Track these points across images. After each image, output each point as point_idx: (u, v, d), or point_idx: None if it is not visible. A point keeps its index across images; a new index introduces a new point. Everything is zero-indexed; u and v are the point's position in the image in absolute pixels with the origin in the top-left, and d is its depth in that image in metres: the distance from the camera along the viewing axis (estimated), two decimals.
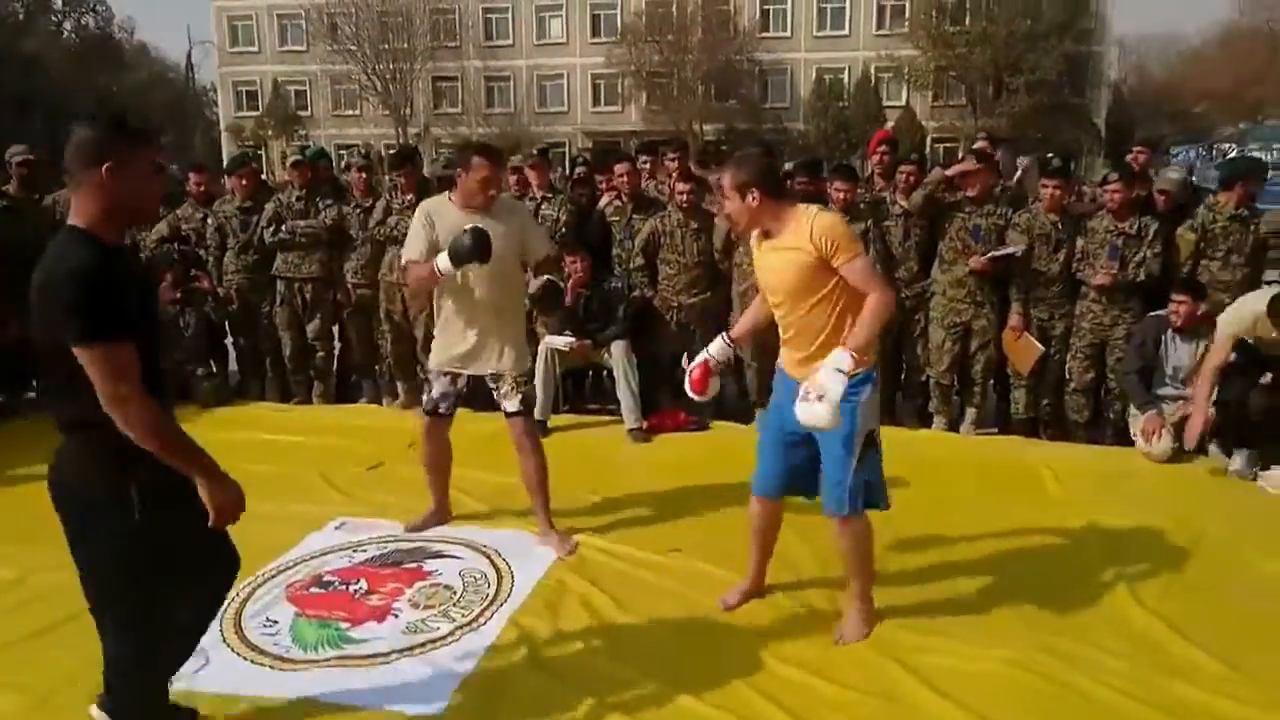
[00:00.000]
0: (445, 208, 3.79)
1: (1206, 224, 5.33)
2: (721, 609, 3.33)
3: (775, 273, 2.97)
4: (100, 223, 2.14)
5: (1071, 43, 33.07)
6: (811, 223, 2.85)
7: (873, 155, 6.23)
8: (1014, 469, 4.94)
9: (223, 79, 41.87)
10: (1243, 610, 3.37)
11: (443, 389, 3.93)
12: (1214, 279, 5.31)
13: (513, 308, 3.93)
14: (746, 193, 2.91)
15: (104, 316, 2.03)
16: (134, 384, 2.05)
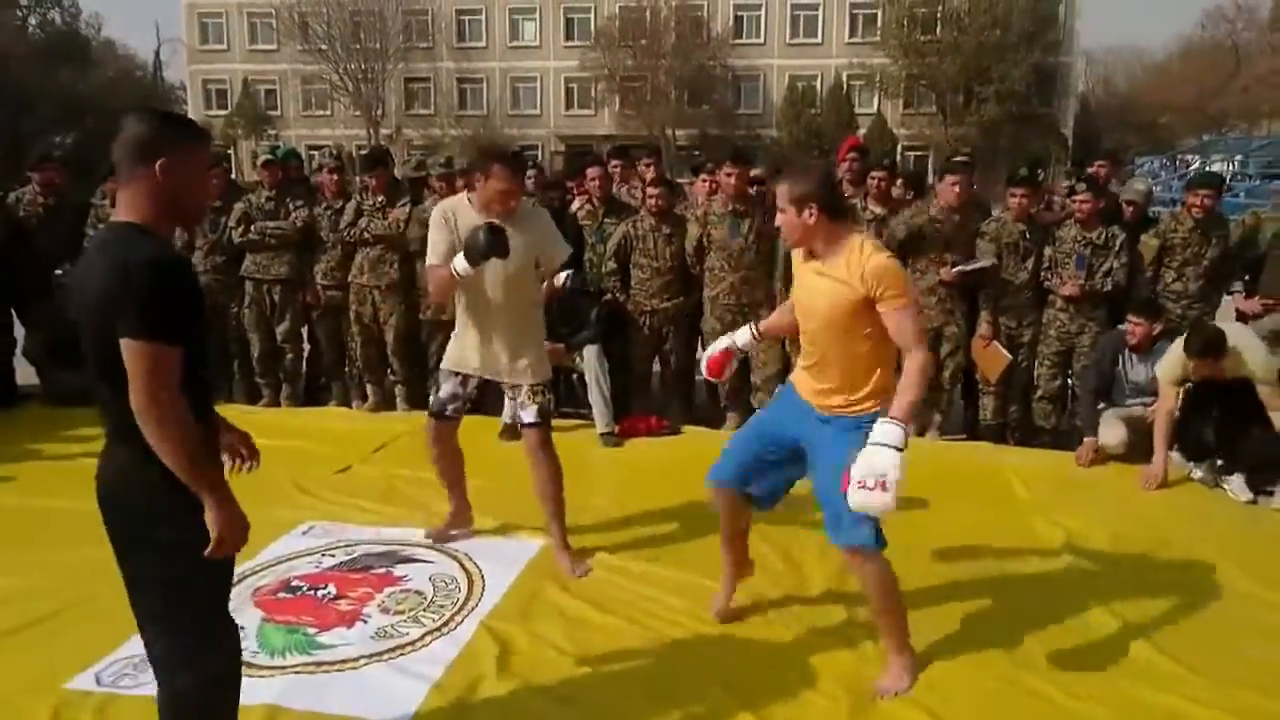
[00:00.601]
0: (464, 210, 3.66)
1: (1167, 232, 5.42)
2: (717, 620, 3.27)
3: (817, 297, 2.78)
4: (154, 221, 2.03)
5: (1040, 54, 33.63)
6: (865, 261, 2.65)
7: (842, 162, 6.29)
8: (982, 474, 4.99)
9: (192, 77, 41.43)
10: (1206, 615, 3.42)
11: (451, 390, 3.80)
12: (1166, 288, 5.41)
13: (531, 314, 3.79)
14: (804, 207, 2.70)
15: (164, 316, 1.93)
16: (172, 390, 1.95)
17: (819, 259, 2.79)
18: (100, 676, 2.90)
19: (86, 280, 1.99)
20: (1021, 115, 33.83)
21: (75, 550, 3.78)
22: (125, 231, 2.01)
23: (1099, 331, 5.39)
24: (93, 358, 2.00)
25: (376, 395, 6.27)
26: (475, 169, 3.73)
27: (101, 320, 1.94)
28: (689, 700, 2.82)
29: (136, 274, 1.91)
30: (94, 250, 2.02)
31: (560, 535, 3.81)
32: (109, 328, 1.93)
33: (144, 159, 1.99)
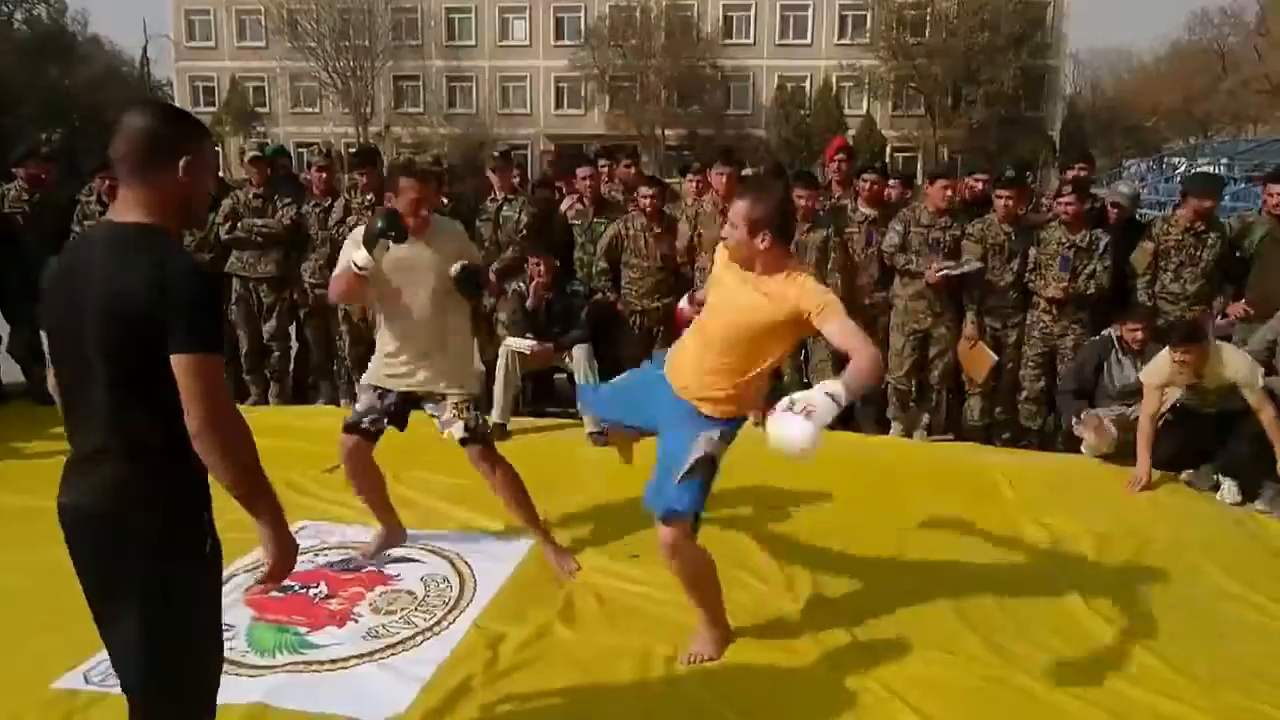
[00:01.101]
0: None
1: (1160, 236, 5.46)
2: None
3: (736, 302, 2.84)
4: (169, 223, 1.91)
5: (1028, 56, 33.78)
6: (803, 286, 2.73)
7: (830, 163, 6.31)
8: (968, 474, 5.01)
9: (179, 74, 41.20)
10: (1188, 614, 3.45)
11: (369, 403, 3.69)
12: (1164, 289, 5.45)
13: (453, 329, 3.73)
14: (759, 232, 2.74)
15: (216, 327, 1.86)
16: (233, 405, 1.86)
17: (753, 270, 2.84)
18: (88, 676, 2.89)
19: (104, 285, 1.82)
20: (1010, 117, 33.99)
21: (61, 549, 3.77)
22: (149, 236, 1.86)
23: (1082, 334, 5.42)
24: (103, 368, 1.84)
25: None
26: (390, 185, 3.78)
27: (132, 330, 1.80)
28: (680, 701, 2.83)
29: (185, 284, 1.80)
30: (107, 253, 1.85)
31: (543, 536, 3.80)
32: (143, 339, 1.79)
33: (165, 156, 1.88)
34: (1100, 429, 5.07)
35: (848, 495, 4.67)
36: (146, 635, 1.94)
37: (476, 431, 3.70)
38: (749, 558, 3.82)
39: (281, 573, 2.05)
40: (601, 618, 3.32)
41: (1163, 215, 5.60)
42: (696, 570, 2.99)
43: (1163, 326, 5.24)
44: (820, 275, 5.53)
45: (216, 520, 2.05)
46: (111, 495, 1.91)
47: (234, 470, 1.88)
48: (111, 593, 1.97)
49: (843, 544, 4.00)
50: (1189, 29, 45.07)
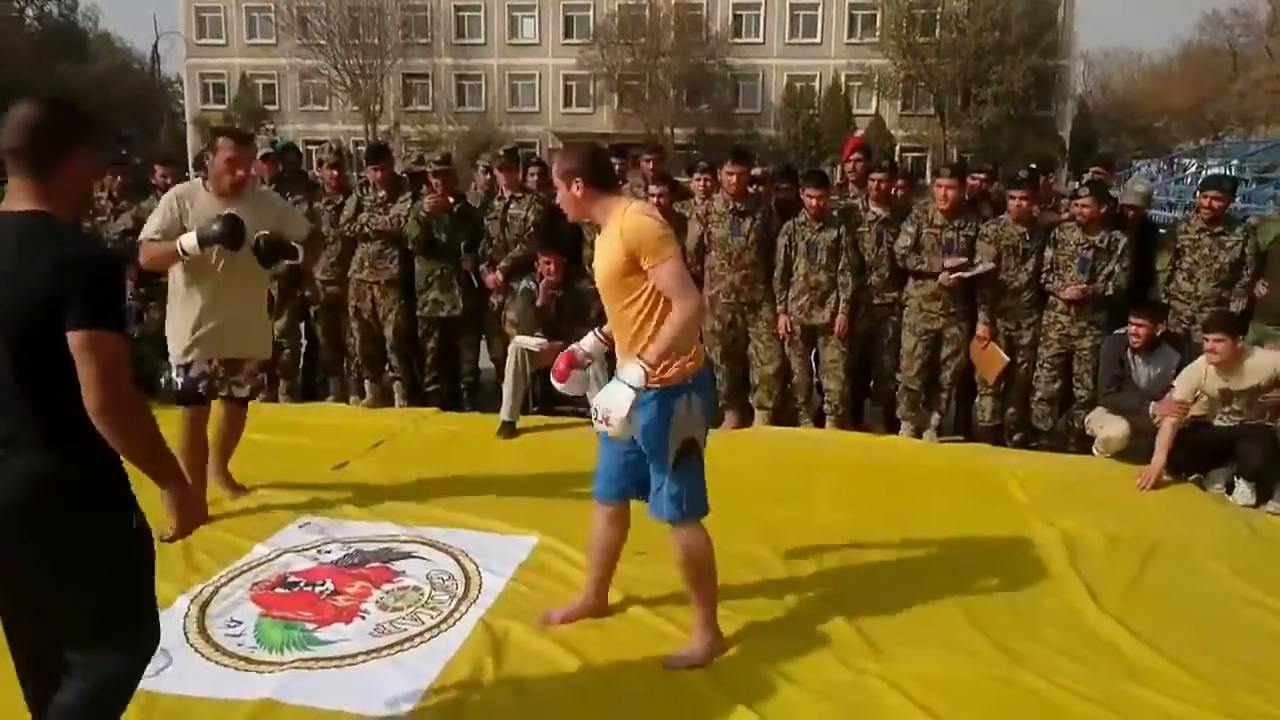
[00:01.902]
0: (197, 193, 3.91)
1: (1178, 234, 5.45)
2: (541, 623, 3.21)
3: (598, 261, 2.94)
4: (66, 213, 1.98)
5: (1038, 56, 33.63)
6: (623, 220, 2.78)
7: (846, 162, 6.29)
8: (979, 475, 5.00)
9: (189, 71, 41.32)
10: (1198, 615, 3.43)
11: (200, 370, 3.96)
12: (1177, 289, 5.43)
13: (257, 294, 4.10)
14: (571, 181, 2.88)
15: (120, 308, 1.94)
16: (132, 382, 1.91)
17: (601, 227, 2.93)
18: None
19: (5, 273, 1.86)
20: (1020, 117, 33.88)
21: None
22: (46, 222, 1.92)
23: (1099, 335, 5.39)
24: (8, 354, 1.88)
25: (375, 391, 6.26)
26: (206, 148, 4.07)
27: (35, 314, 1.85)
28: (687, 697, 2.83)
29: (84, 265, 1.88)
30: (5, 242, 1.89)
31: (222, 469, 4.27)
32: (45, 322, 1.84)
33: (63, 146, 1.95)
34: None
35: (857, 495, 4.66)
36: (83, 616, 2.02)
37: (256, 394, 4.23)
38: (756, 556, 3.81)
39: (186, 529, 2.16)
40: (610, 616, 3.30)
41: (1185, 216, 5.58)
42: (702, 565, 3.01)
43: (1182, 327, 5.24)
44: (831, 274, 5.55)
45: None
46: (27, 487, 1.91)
47: (136, 445, 1.95)
48: (37, 583, 1.99)
49: (851, 543, 3.98)
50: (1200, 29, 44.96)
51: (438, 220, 5.80)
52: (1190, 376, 4.86)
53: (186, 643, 3.08)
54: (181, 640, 3.09)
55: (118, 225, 6.41)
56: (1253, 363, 4.75)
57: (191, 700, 2.76)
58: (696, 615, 3.07)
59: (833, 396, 5.74)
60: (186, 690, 2.81)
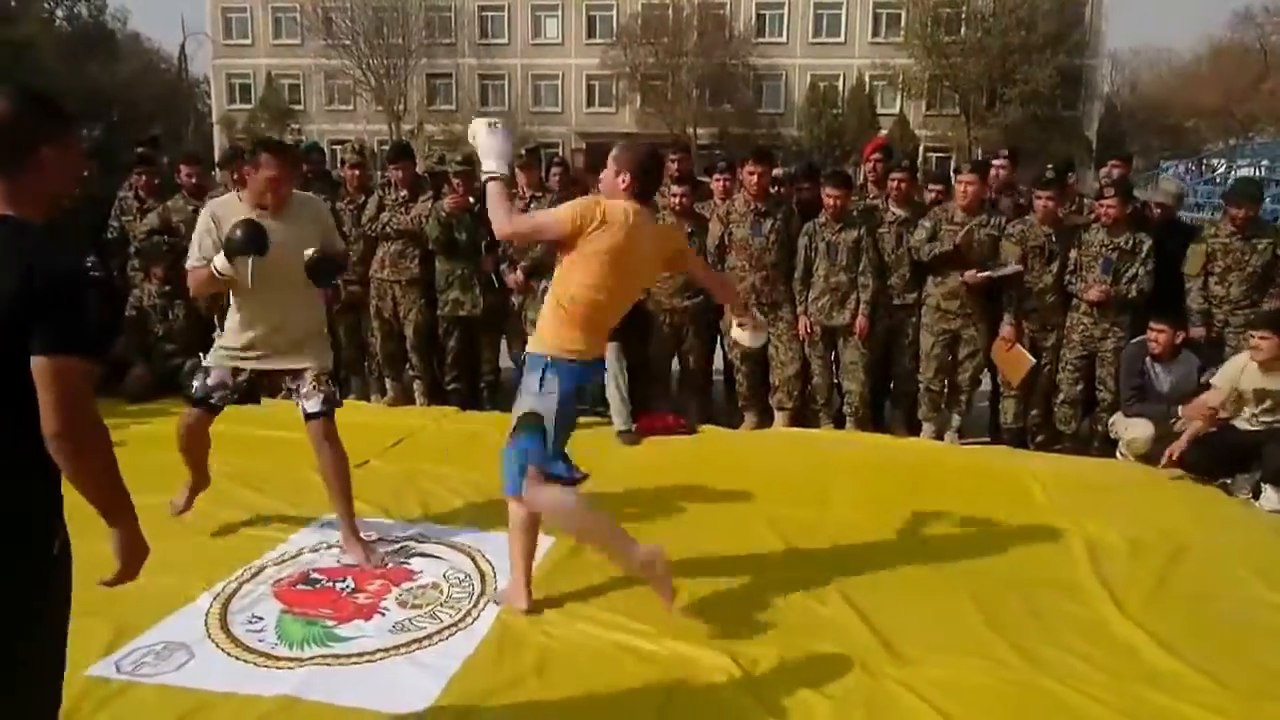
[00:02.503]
0: (233, 207, 3.68)
1: (1209, 238, 5.39)
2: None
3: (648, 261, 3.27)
4: (36, 215, 1.81)
5: (1065, 55, 33.28)
6: None
7: (866, 162, 6.26)
8: (1001, 478, 4.96)
9: (216, 71, 41.69)
10: (1226, 622, 3.39)
11: (220, 379, 3.76)
12: (1210, 294, 5.37)
13: (308, 305, 3.85)
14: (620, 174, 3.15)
15: (91, 329, 1.79)
16: (96, 410, 1.78)
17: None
18: (119, 664, 2.93)
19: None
20: (1046, 117, 33.53)
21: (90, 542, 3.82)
22: (15, 230, 1.76)
23: (1123, 336, 5.34)
24: None
25: (395, 390, 6.30)
26: (247, 161, 3.80)
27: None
28: (706, 699, 2.82)
29: (63, 284, 1.73)
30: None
31: (351, 530, 3.80)
32: (8, 342, 1.70)
33: (24, 149, 1.80)
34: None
35: (876, 496, 4.64)
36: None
37: (332, 405, 3.78)
38: (774, 557, 3.80)
39: (129, 577, 2.02)
40: (627, 617, 3.30)
41: (1211, 219, 5.51)
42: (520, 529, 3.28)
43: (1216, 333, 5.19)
44: (851, 275, 5.53)
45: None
46: None
47: (89, 476, 1.82)
48: None
49: (871, 545, 3.97)
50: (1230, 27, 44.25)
51: (458, 220, 5.82)
52: (1229, 371, 4.83)
53: (208, 638, 3.11)
54: (203, 635, 3.12)
55: (144, 225, 6.49)
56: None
57: (213, 695, 2.79)
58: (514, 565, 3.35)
59: (853, 398, 5.72)
60: (208, 685, 2.83)
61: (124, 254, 6.65)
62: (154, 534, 4.02)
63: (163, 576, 3.49)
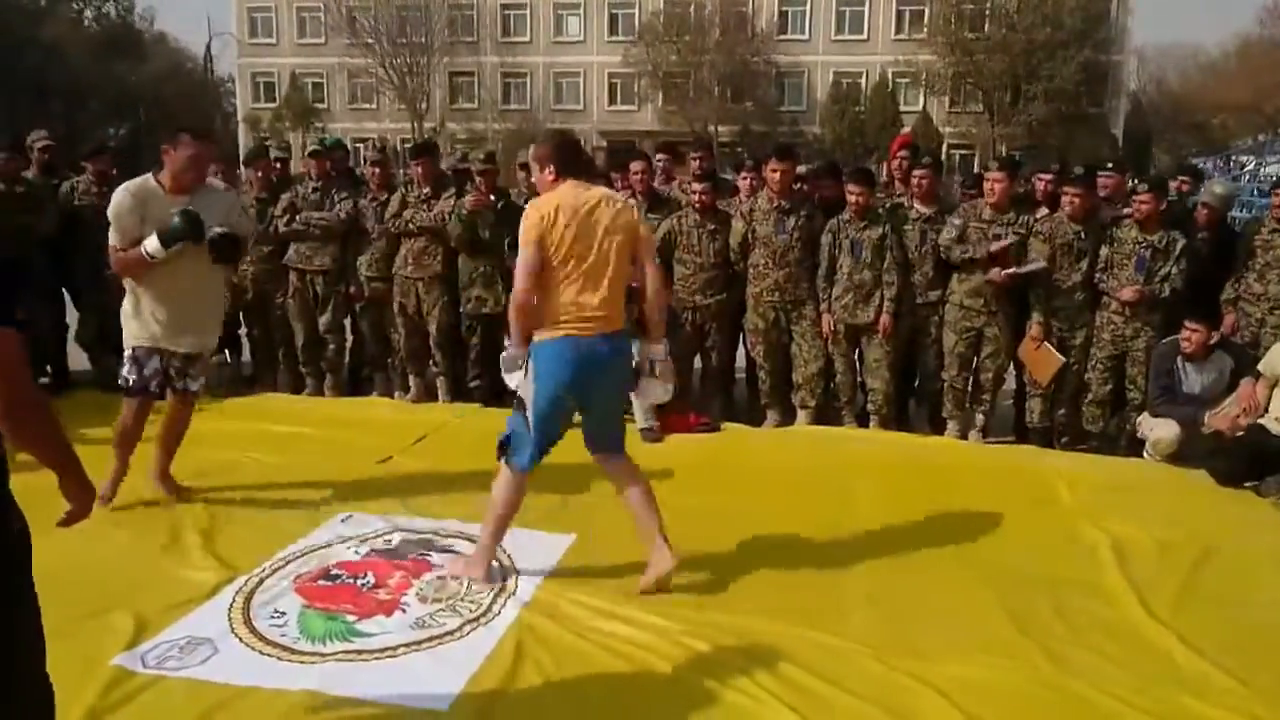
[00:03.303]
0: (150, 192, 3.89)
1: (1250, 234, 5.33)
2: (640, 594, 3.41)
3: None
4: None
5: (1090, 52, 33.00)
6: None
7: (892, 160, 6.21)
8: (1027, 478, 4.91)
9: (241, 70, 42.04)
10: (1256, 625, 3.34)
11: (154, 365, 4.00)
12: (1248, 289, 5.31)
13: (214, 288, 4.14)
14: (544, 167, 3.37)
15: (14, 300, 1.85)
16: (30, 378, 1.87)
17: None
18: (145, 658, 2.94)
19: None
20: (1071, 114, 33.23)
21: (115, 536, 3.86)
22: None
23: (1154, 336, 5.27)
24: None
25: (419, 386, 6.31)
26: (164, 142, 3.96)
27: None
28: (724, 696, 2.81)
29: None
30: None
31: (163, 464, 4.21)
32: None
33: None
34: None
35: (900, 495, 4.60)
36: None
37: (202, 386, 4.18)
38: (798, 555, 3.78)
39: (83, 514, 2.13)
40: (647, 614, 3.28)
41: (1240, 215, 5.45)
42: (498, 487, 3.47)
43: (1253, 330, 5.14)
44: (875, 273, 5.49)
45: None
46: None
47: (47, 438, 1.93)
48: None
49: (894, 543, 3.94)
50: (1260, 23, 43.70)
51: (481, 217, 5.83)
52: (1272, 357, 4.82)
53: (231, 632, 3.12)
54: (226, 630, 3.13)
55: None
56: None
57: (238, 689, 2.80)
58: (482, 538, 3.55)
59: (876, 396, 5.68)
60: (232, 679, 2.85)
61: None
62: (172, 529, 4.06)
63: (185, 570, 3.55)
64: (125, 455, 4.16)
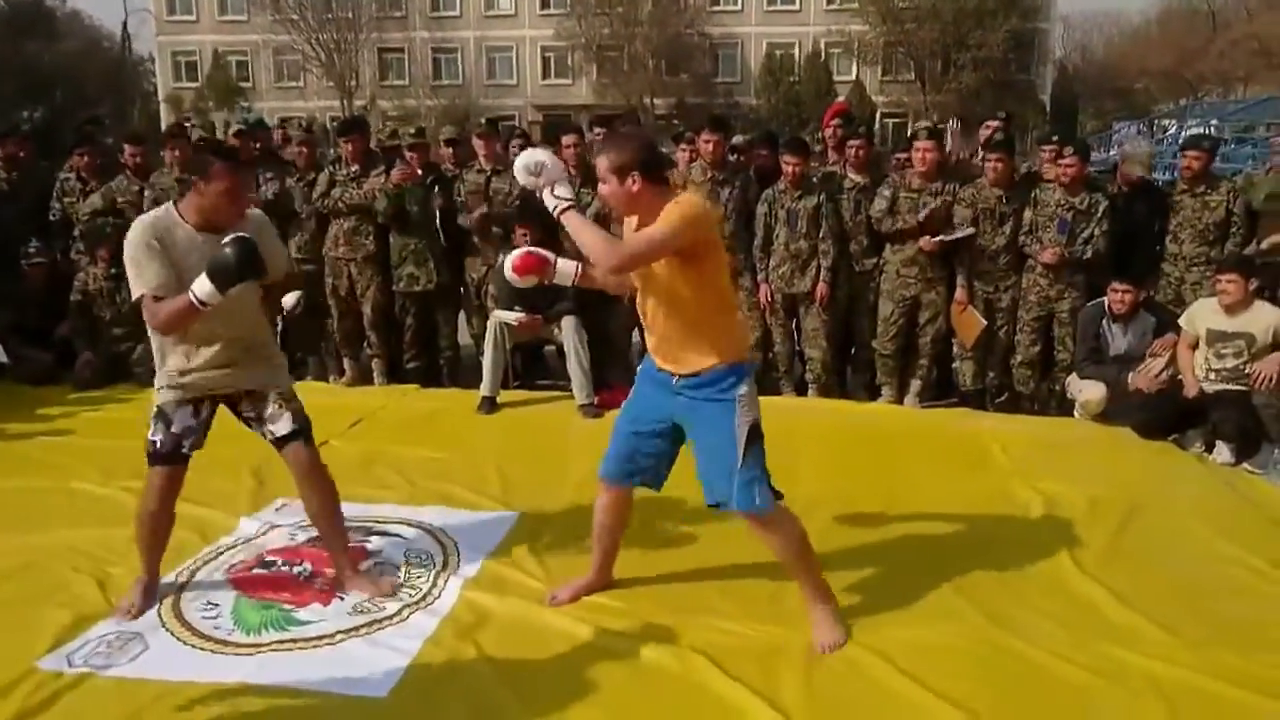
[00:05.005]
0: (176, 226, 2.98)
1: (1171, 196, 5.47)
2: (549, 604, 3.15)
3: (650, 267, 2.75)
4: None
5: (1018, 19, 33.48)
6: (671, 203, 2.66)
7: (826, 128, 6.23)
8: (961, 440, 4.99)
9: (160, 49, 40.63)
10: (1181, 577, 3.44)
11: (184, 422, 3.13)
12: (1164, 250, 5.46)
13: (258, 321, 3.25)
14: (626, 176, 2.69)
15: None
16: None
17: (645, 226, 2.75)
18: (71, 658, 2.85)
19: None
20: (999, 82, 33.72)
21: (42, 532, 3.73)
22: None
23: (1078, 297, 5.39)
24: None
25: (354, 369, 6.21)
26: (191, 171, 3.06)
27: None
28: (668, 672, 2.81)
29: None
30: None
31: (350, 565, 3.35)
32: None
33: None
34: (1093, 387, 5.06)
35: (838, 462, 4.65)
36: None
37: (306, 425, 3.28)
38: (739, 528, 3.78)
39: None
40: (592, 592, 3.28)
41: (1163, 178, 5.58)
42: (791, 539, 2.93)
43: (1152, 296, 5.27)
44: (812, 242, 5.51)
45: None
46: None
47: None
48: None
49: (833, 511, 3.97)
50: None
51: (410, 193, 5.73)
52: (1192, 314, 4.98)
53: (162, 626, 3.04)
54: (157, 624, 3.05)
55: (87, 206, 6.32)
56: (1255, 312, 4.79)
57: (170, 684, 2.72)
58: (808, 594, 2.98)
59: (814, 365, 5.72)
60: (164, 674, 2.77)
61: (67, 237, 6.48)
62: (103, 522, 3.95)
63: (113, 567, 3.44)
64: (154, 553, 3.24)
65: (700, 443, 2.88)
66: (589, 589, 3.23)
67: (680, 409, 2.88)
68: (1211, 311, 4.86)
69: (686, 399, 2.84)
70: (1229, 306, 4.78)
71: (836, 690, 2.71)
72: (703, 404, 2.82)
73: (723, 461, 2.80)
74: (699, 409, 2.83)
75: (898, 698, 2.68)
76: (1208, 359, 4.86)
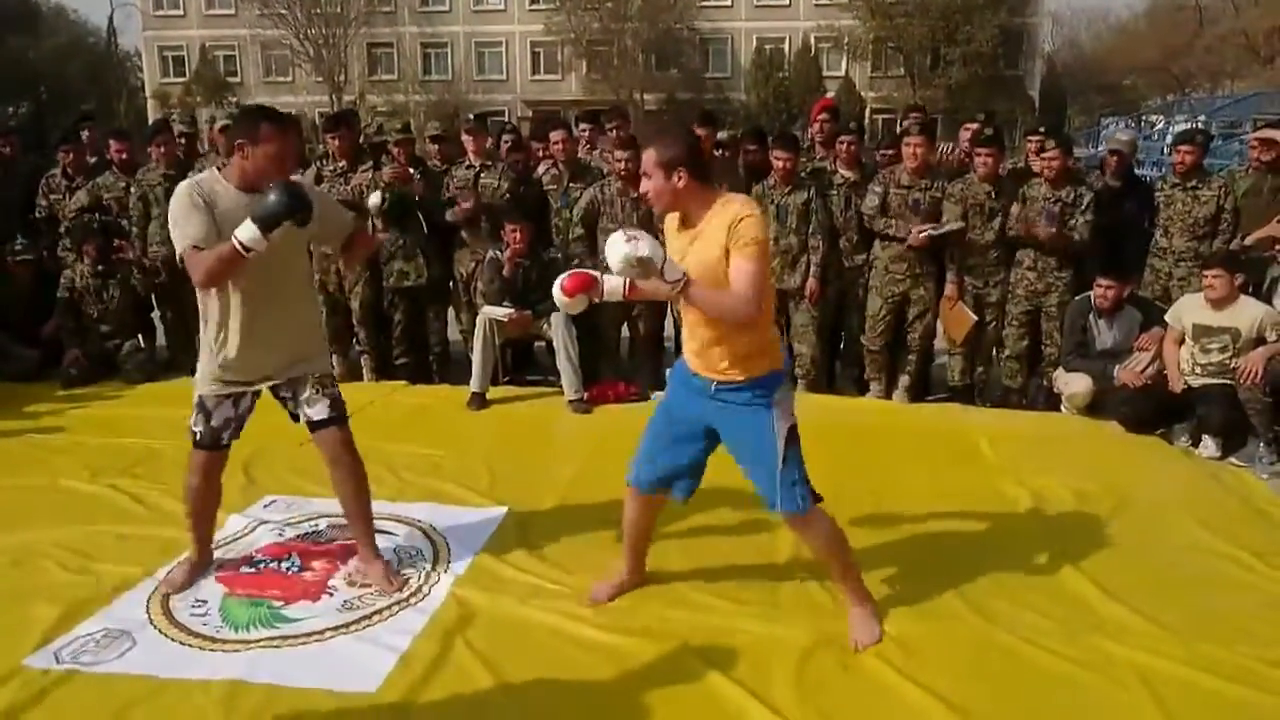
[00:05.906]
0: (220, 188, 2.94)
1: (1154, 193, 5.48)
2: (590, 603, 3.14)
3: (694, 267, 2.66)
4: None
5: (1007, 15, 33.56)
6: (728, 211, 2.62)
7: (814, 123, 6.23)
8: (950, 435, 5.01)
9: (147, 44, 40.36)
10: (1168, 569, 3.46)
11: (224, 415, 3.15)
12: (1155, 244, 5.50)
13: (305, 299, 3.25)
14: (673, 171, 2.66)
15: None
16: None
17: (691, 226, 2.74)
18: (58, 654, 2.84)
19: None
20: (988, 77, 33.81)
21: (29, 529, 3.72)
22: None
23: (1065, 291, 5.41)
24: None
25: (342, 366, 6.18)
26: (237, 134, 2.98)
27: None
28: (656, 666, 2.81)
29: None
30: None
31: (372, 549, 3.36)
32: None
33: None
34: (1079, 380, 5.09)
35: (827, 457, 4.62)
36: None
37: (342, 410, 3.26)
38: (730, 523, 3.80)
39: None
40: (581, 588, 3.28)
41: (1152, 173, 5.61)
42: (830, 540, 2.94)
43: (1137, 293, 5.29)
44: (801, 238, 5.52)
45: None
46: None
47: None
48: None
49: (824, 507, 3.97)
50: None
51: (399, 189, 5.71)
52: (1178, 309, 5.00)
53: (150, 624, 3.03)
54: (145, 621, 3.04)
55: (74, 203, 6.29)
56: (1240, 307, 4.82)
57: (158, 682, 2.71)
58: (848, 595, 3.00)
59: (804, 360, 5.73)
60: (152, 672, 2.76)
61: (54, 233, 6.45)
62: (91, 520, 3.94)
63: (101, 564, 3.43)
64: (201, 529, 3.32)
65: (739, 449, 2.89)
66: (627, 587, 3.23)
67: (714, 413, 2.87)
68: (1197, 306, 4.89)
69: (722, 404, 2.82)
70: (1215, 301, 4.80)
71: (829, 686, 2.72)
72: (740, 409, 2.80)
73: (765, 465, 2.81)
74: (736, 414, 2.82)
75: (889, 693, 2.69)
76: (1193, 354, 4.89)
